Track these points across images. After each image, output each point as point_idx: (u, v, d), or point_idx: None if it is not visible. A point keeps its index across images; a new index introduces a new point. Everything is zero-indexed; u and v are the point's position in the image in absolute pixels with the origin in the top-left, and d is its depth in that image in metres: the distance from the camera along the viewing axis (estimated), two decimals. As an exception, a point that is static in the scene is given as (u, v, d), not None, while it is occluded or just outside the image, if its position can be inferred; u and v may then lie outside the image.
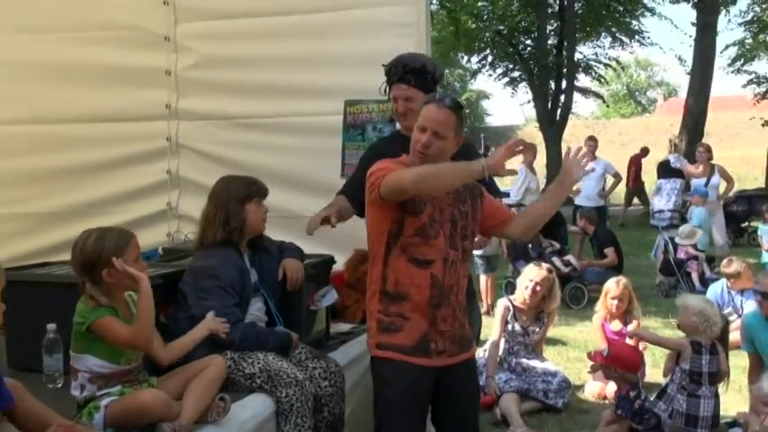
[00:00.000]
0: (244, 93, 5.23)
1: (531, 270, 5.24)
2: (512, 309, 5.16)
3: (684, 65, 22.06)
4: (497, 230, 3.16)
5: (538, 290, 5.09)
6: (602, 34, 25.77)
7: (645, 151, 17.40)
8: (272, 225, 3.60)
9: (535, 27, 24.88)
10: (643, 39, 25.20)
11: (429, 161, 2.85)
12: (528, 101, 26.83)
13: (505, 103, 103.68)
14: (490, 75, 27.73)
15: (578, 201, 10.69)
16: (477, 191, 3.06)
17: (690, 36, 20.35)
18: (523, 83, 26.62)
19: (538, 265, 5.32)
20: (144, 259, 2.93)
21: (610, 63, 27.70)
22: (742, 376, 4.83)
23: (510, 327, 5.14)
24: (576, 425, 4.73)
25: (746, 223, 13.95)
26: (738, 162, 25.00)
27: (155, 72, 5.33)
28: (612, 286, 5.51)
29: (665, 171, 10.50)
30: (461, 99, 30.36)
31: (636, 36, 25.08)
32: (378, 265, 2.93)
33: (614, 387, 4.73)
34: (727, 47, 24.92)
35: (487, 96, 57.72)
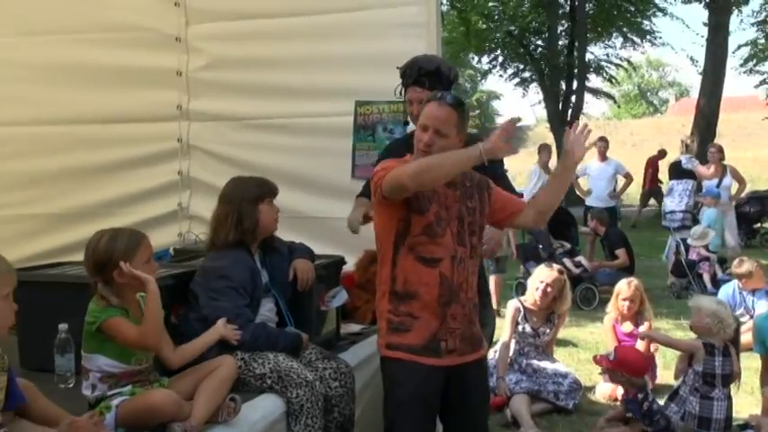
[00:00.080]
0: (255, 94, 5.24)
1: (541, 271, 5.22)
2: (522, 310, 5.14)
3: (696, 65, 21.95)
4: (509, 222, 3.13)
5: (548, 291, 5.08)
6: (614, 34, 25.66)
7: (662, 153, 17.28)
8: (283, 225, 3.61)
9: (546, 27, 24.81)
10: (655, 39, 25.11)
11: None
12: (539, 101, 26.83)
13: (516, 104, 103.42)
14: (501, 75, 27.70)
15: (589, 201, 10.65)
16: (484, 184, 3.04)
17: (702, 36, 20.28)
18: (534, 83, 26.56)
19: (549, 267, 5.30)
20: (155, 260, 2.94)
21: (621, 63, 27.61)
22: (754, 378, 4.80)
23: (520, 328, 5.13)
24: (587, 426, 4.71)
25: (759, 224, 13.89)
26: (750, 163, 24.84)
27: (166, 73, 5.35)
28: (624, 287, 5.49)
29: (676, 172, 10.45)
30: (472, 99, 30.34)
31: (647, 36, 24.97)
32: (386, 266, 2.93)
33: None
34: (740, 47, 24.74)
35: (498, 97, 57.68)
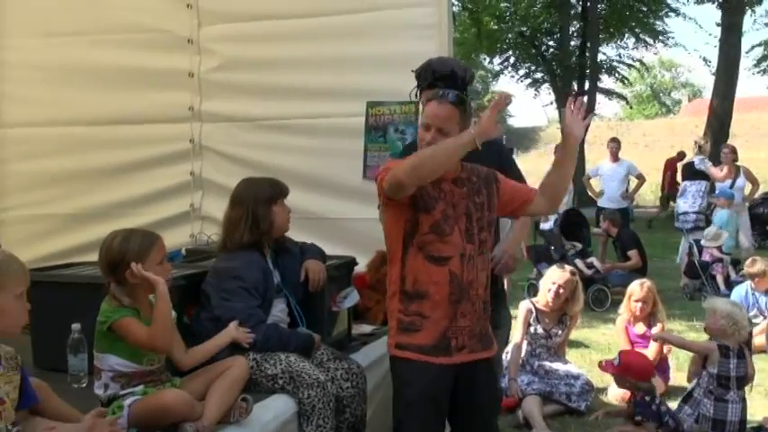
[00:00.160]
0: (266, 95, 5.25)
1: (553, 272, 5.20)
2: (534, 311, 5.13)
3: (709, 66, 21.90)
4: (521, 211, 3.10)
5: (561, 292, 5.06)
6: (626, 35, 25.58)
7: (681, 155, 17.11)
8: (295, 226, 3.61)
9: (558, 28, 24.77)
10: (667, 39, 25.02)
11: None
12: (550, 102, 26.74)
13: (528, 105, 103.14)
14: (512, 76, 27.64)
15: (601, 202, 10.61)
16: (491, 177, 3.02)
17: (715, 37, 20.18)
18: (546, 84, 26.50)
19: (561, 268, 5.29)
20: (167, 260, 2.95)
21: (633, 64, 27.53)
22: (767, 381, 4.77)
23: (532, 329, 5.11)
24: (599, 428, 4.68)
25: (772, 225, 13.78)
26: (764, 164, 24.60)
27: (178, 74, 5.37)
28: (636, 289, 5.46)
29: (689, 173, 10.40)
30: (484, 99, 30.29)
31: (660, 37, 24.89)
32: (396, 266, 2.93)
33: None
34: (753, 47, 24.67)
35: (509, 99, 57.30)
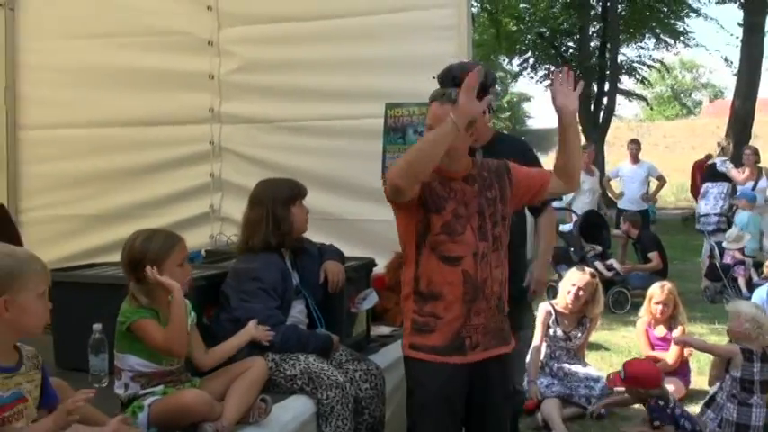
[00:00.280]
0: (285, 96, 5.27)
1: (573, 274, 5.18)
2: (554, 313, 5.11)
3: (731, 66, 21.64)
4: (541, 195, 3.03)
5: (580, 295, 5.04)
6: (646, 36, 25.38)
7: (709, 158, 17.01)
8: (314, 227, 3.62)
9: (577, 29, 24.63)
10: (688, 40, 24.78)
11: (446, 159, 2.80)
12: (570, 104, 26.56)
13: (547, 106, 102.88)
14: (531, 77, 27.46)
15: (621, 204, 10.56)
16: (502, 169, 2.98)
17: (736, 37, 19.96)
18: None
19: (581, 270, 5.26)
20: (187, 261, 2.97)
21: (654, 65, 27.32)
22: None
23: (552, 331, 5.09)
24: (619, 431, 4.66)
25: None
26: (787, 165, 24.42)
27: (198, 76, 5.40)
28: (657, 291, 5.42)
29: (711, 175, 10.32)
30: (503, 101, 30.19)
31: (681, 37, 24.66)
32: (410, 267, 2.91)
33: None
34: (776, 47, 24.34)
35: (529, 99, 57.22)
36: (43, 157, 5.74)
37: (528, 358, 4.94)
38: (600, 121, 23.46)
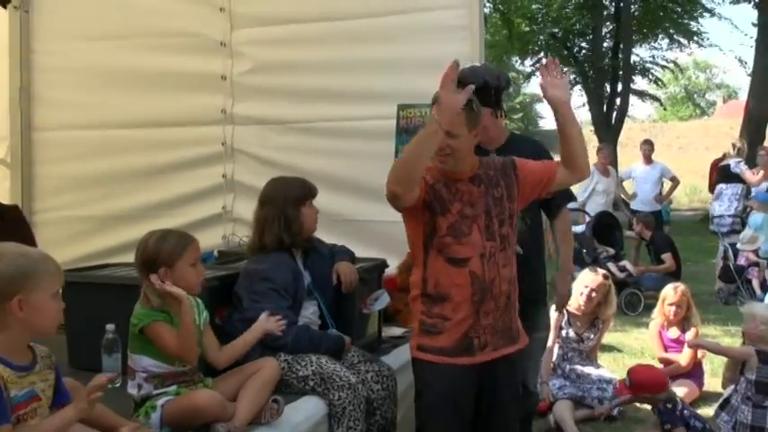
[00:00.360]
0: (298, 97, 5.27)
1: (586, 276, 5.16)
2: (566, 314, 5.09)
3: (745, 66, 21.52)
4: (550, 187, 3.01)
5: (593, 296, 5.02)
6: (660, 36, 25.26)
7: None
8: (326, 228, 3.62)
9: (590, 29, 24.54)
10: (702, 40, 24.65)
11: (452, 161, 2.83)
12: (582, 104, 26.48)
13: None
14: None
15: (635, 205, 10.52)
16: (508, 166, 2.97)
17: (750, 37, 19.87)
18: (578, 86, 26.27)
19: (593, 271, 5.24)
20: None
21: (667, 65, 27.18)
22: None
23: (564, 333, 5.08)
24: (632, 434, 4.64)
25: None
26: (802, 166, 24.23)
27: (211, 78, 5.41)
28: (670, 293, 5.39)
29: (725, 176, 10.25)
30: (515, 102, 30.12)
31: (694, 37, 24.53)
32: (418, 269, 2.91)
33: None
34: (791, 47, 24.15)
35: (541, 100, 56.75)
36: (57, 158, 5.77)
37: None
38: (613, 121, 23.37)
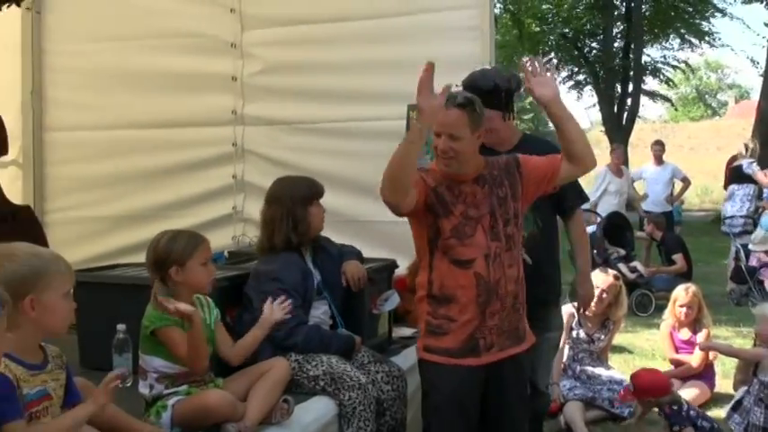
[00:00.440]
0: (308, 98, 5.28)
1: (596, 276, 5.12)
2: (576, 315, 5.07)
3: (757, 67, 21.42)
4: (554, 181, 2.98)
5: (604, 297, 5.00)
6: (671, 36, 25.15)
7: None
8: (336, 229, 3.63)
9: (601, 29, 24.45)
10: (713, 40, 24.53)
11: (455, 164, 2.83)
12: (593, 104, 26.43)
13: (570, 107, 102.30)
14: (555, 78, 27.33)
15: (646, 206, 10.48)
16: (512, 164, 2.96)
17: (763, 37, 19.78)
18: (589, 86, 26.20)
19: (604, 272, 5.22)
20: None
21: (678, 65, 27.06)
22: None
23: (575, 333, 5.06)
24: (643, 435, 4.62)
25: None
26: (815, 166, 24.08)
27: (222, 78, 5.43)
28: (681, 294, 5.36)
29: (737, 176, 10.20)
30: (525, 102, 30.07)
31: (706, 38, 24.41)
32: (424, 270, 2.91)
33: (684, 395, 4.62)
34: (803, 47, 23.99)
35: (551, 100, 56.87)
36: (68, 158, 5.80)
37: (551, 360, 4.92)
38: (624, 122, 23.28)
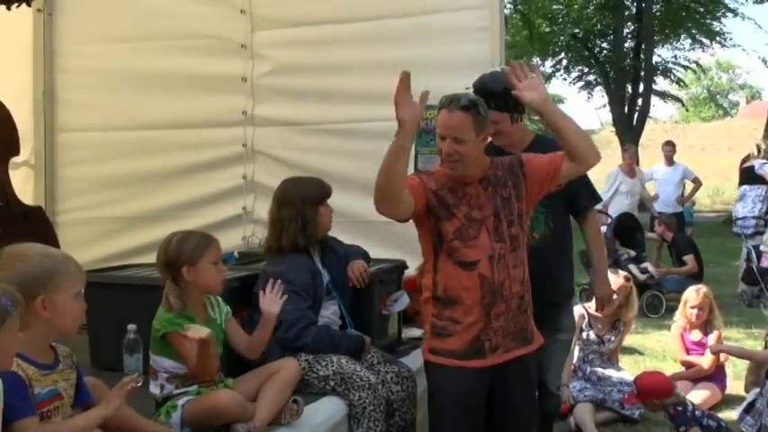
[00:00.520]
0: (318, 99, 5.28)
1: (607, 277, 5.11)
2: (587, 316, 5.06)
3: (769, 67, 21.30)
4: (557, 179, 2.95)
5: (614, 298, 4.98)
6: (682, 36, 25.08)
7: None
8: (344, 229, 3.63)
9: (611, 30, 24.41)
10: (724, 40, 24.43)
11: (461, 167, 2.82)
12: (603, 105, 26.39)
13: (580, 108, 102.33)
14: (565, 79, 27.27)
15: (657, 207, 10.44)
16: (515, 163, 2.95)
17: (775, 37, 19.65)
18: (599, 87, 26.15)
19: (615, 273, 5.19)
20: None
21: (689, 66, 26.97)
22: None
23: (585, 335, 5.04)
24: (653, 437, 4.60)
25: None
26: (827, 167, 23.93)
27: (232, 79, 5.43)
28: (692, 295, 5.34)
29: (749, 177, 10.15)
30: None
31: (717, 38, 24.32)
32: (429, 272, 2.91)
33: (695, 397, 4.60)
34: (815, 47, 23.89)
35: (562, 101, 56.55)
36: (80, 159, 5.82)
37: (561, 362, 4.90)
38: (634, 122, 23.22)
